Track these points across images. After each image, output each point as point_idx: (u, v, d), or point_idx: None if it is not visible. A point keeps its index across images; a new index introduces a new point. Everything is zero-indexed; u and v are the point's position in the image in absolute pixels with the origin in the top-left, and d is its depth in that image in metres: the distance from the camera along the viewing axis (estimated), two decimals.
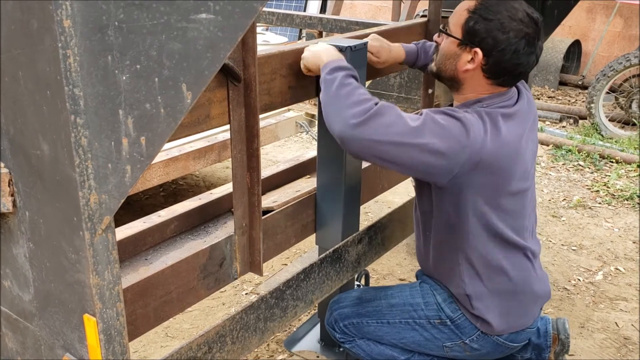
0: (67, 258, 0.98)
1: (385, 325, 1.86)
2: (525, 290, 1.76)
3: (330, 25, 3.18)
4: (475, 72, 1.62)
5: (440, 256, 1.79)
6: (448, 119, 1.53)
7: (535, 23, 1.59)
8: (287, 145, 4.94)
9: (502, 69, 1.59)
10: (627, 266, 3.15)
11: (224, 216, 1.84)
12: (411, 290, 1.88)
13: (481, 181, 1.58)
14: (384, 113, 1.47)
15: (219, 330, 1.50)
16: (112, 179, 0.91)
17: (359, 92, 1.52)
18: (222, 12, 0.83)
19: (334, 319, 1.94)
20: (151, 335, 2.49)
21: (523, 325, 1.79)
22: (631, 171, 4.39)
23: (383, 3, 8.03)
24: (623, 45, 6.84)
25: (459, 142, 1.50)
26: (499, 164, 1.57)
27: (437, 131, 1.49)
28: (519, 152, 1.63)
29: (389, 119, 1.47)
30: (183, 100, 0.87)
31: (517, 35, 1.55)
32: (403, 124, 1.48)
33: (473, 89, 1.66)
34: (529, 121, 1.71)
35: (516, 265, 1.73)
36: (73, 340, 1.05)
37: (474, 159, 1.53)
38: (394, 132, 1.46)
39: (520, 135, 1.64)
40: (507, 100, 1.65)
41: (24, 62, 0.88)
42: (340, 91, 1.52)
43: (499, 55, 1.57)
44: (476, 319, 1.75)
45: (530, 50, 1.58)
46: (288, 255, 3.16)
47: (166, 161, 2.53)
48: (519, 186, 1.66)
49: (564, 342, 1.93)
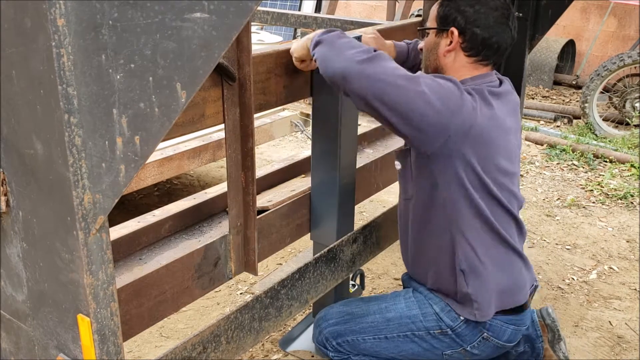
0: (60, 258, 0.98)
1: (383, 340, 1.82)
2: (513, 261, 1.77)
3: (325, 24, 3.17)
4: (457, 53, 1.69)
5: (427, 240, 1.78)
6: (443, 81, 1.59)
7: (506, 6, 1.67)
8: (282, 144, 4.94)
9: (480, 42, 1.66)
10: (620, 265, 3.16)
11: (218, 216, 1.84)
12: (406, 301, 1.85)
13: (470, 151, 1.60)
14: (387, 58, 1.56)
15: (214, 330, 1.50)
16: (106, 179, 0.91)
17: (358, 43, 1.60)
18: (216, 11, 0.83)
19: (324, 337, 1.90)
20: (145, 335, 2.49)
21: (517, 302, 1.78)
22: (625, 170, 4.41)
23: (378, 3, 8.03)
24: (617, 45, 6.86)
25: (454, 102, 1.55)
26: (489, 135, 1.61)
27: (435, 87, 1.55)
28: (506, 131, 1.68)
29: (392, 64, 1.55)
30: (177, 99, 0.87)
31: (485, 6, 1.64)
32: (403, 70, 1.55)
33: (456, 71, 1.70)
34: (513, 108, 1.75)
35: (503, 231, 1.73)
36: (67, 340, 1.05)
37: (467, 124, 1.56)
38: (397, 75, 1.52)
39: (505, 114, 1.69)
40: (492, 82, 1.71)
41: (17, 61, 0.88)
42: (339, 41, 1.60)
43: (473, 28, 1.65)
44: (471, 303, 1.72)
45: (502, 21, 1.65)
46: (283, 255, 3.16)
47: (160, 160, 2.52)
48: (506, 165, 1.69)
49: (552, 328, 1.93)
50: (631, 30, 6.74)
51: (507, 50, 1.70)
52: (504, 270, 1.75)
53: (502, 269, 1.74)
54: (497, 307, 1.74)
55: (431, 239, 1.76)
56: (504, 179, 1.70)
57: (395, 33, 2.29)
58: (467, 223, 1.68)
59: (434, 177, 1.65)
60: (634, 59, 5.04)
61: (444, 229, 1.71)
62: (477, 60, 1.69)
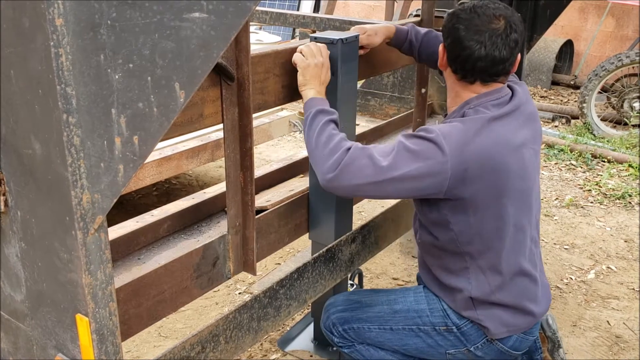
0: (59, 258, 0.98)
1: (387, 331, 1.82)
2: (528, 288, 1.74)
3: (324, 24, 3.18)
4: (448, 71, 1.68)
5: (442, 264, 1.77)
6: (420, 142, 1.56)
7: (496, 17, 1.57)
8: (281, 144, 4.94)
9: (458, 60, 1.61)
10: (618, 265, 3.16)
11: (217, 215, 1.84)
12: (415, 295, 1.85)
13: (477, 186, 1.56)
14: (354, 159, 1.56)
15: (213, 330, 1.50)
16: (104, 178, 0.91)
17: (335, 141, 1.60)
18: (215, 11, 0.83)
19: (331, 322, 1.90)
20: (144, 335, 2.49)
21: (529, 324, 1.76)
22: (623, 170, 4.42)
23: (376, 3, 8.03)
24: (615, 45, 6.87)
25: (435, 160, 1.53)
26: (491, 164, 1.56)
27: (411, 158, 1.54)
28: (514, 150, 1.61)
29: (359, 163, 1.55)
30: (176, 99, 0.87)
31: (467, 24, 1.57)
32: (374, 165, 1.55)
33: (452, 89, 1.70)
34: (526, 119, 1.69)
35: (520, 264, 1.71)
36: (65, 340, 1.05)
37: (460, 168, 1.53)
38: (367, 175, 1.55)
39: (516, 129, 1.63)
40: (496, 100, 1.63)
41: (15, 61, 0.88)
42: (319, 139, 1.62)
43: (450, 46, 1.62)
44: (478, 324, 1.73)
45: (478, 39, 1.56)
46: (281, 255, 3.16)
47: (159, 160, 2.52)
48: (519, 185, 1.64)
49: (552, 339, 1.93)
50: (629, 30, 6.75)
51: (495, 68, 1.59)
52: (516, 299, 1.73)
53: (515, 297, 1.72)
54: (508, 332, 1.73)
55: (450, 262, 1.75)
56: (518, 203, 1.66)
57: None
58: (482, 252, 1.67)
59: (448, 211, 1.64)
60: (632, 59, 5.04)
61: (459, 256, 1.71)
62: (463, 78, 1.64)
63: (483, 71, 1.60)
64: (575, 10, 7.03)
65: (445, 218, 1.64)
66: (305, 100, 1.71)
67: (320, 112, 1.65)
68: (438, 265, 1.77)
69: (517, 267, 1.70)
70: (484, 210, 1.60)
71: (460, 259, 1.69)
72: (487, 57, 1.56)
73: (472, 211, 1.60)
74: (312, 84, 1.71)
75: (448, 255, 1.72)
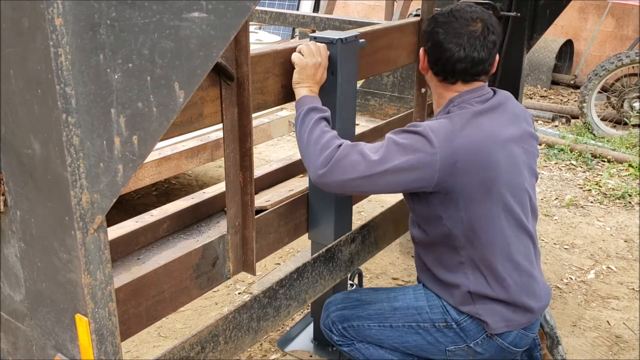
0: (58, 258, 0.98)
1: (387, 329, 1.83)
2: (526, 284, 1.74)
3: (323, 24, 3.18)
4: (429, 74, 1.75)
5: (439, 261, 1.78)
6: (408, 136, 1.61)
7: (474, 20, 1.65)
8: (280, 144, 4.94)
9: (439, 63, 1.69)
10: (618, 265, 3.16)
11: (216, 215, 1.84)
12: (415, 293, 1.85)
13: (466, 179, 1.60)
14: (345, 155, 1.58)
15: (212, 330, 1.50)
16: (104, 178, 0.91)
17: (326, 138, 1.62)
18: (214, 10, 0.83)
19: (331, 320, 1.90)
20: (143, 335, 2.49)
21: (529, 321, 1.76)
22: (623, 170, 4.42)
23: (376, 2, 8.03)
24: (615, 45, 6.87)
25: (425, 153, 1.57)
26: (479, 155, 1.60)
27: (401, 151, 1.58)
28: (501, 143, 1.65)
29: (350, 159, 1.58)
30: (175, 99, 0.87)
31: (446, 28, 1.65)
32: (365, 159, 1.58)
33: (435, 91, 1.77)
34: (513, 116, 1.74)
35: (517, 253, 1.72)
36: (65, 340, 1.05)
37: (449, 160, 1.57)
38: (359, 169, 1.57)
39: (503, 125, 1.68)
40: (479, 97, 1.70)
41: (14, 61, 0.88)
42: (310, 136, 1.63)
43: (430, 49, 1.70)
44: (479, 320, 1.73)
45: (457, 42, 1.64)
46: (281, 255, 3.16)
47: (158, 160, 2.52)
48: (509, 179, 1.66)
49: (551, 335, 1.93)
50: (629, 30, 6.75)
51: (475, 68, 1.67)
52: (515, 295, 1.73)
53: (514, 294, 1.72)
54: (507, 327, 1.73)
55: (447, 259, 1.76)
56: (509, 196, 1.67)
57: (394, 33, 2.28)
58: (476, 247, 1.68)
59: (441, 207, 1.66)
60: (632, 59, 5.04)
61: (455, 251, 1.72)
62: (443, 79, 1.71)
63: (464, 72, 1.68)
64: (575, 10, 7.03)
65: (437, 213, 1.67)
66: (298, 98, 1.73)
67: (312, 110, 1.67)
68: (434, 263, 1.78)
69: (514, 263, 1.70)
70: (475, 204, 1.63)
71: (455, 254, 1.71)
72: (467, 59, 1.65)
73: (462, 205, 1.63)
74: (307, 82, 1.72)
75: (443, 252, 1.74)
